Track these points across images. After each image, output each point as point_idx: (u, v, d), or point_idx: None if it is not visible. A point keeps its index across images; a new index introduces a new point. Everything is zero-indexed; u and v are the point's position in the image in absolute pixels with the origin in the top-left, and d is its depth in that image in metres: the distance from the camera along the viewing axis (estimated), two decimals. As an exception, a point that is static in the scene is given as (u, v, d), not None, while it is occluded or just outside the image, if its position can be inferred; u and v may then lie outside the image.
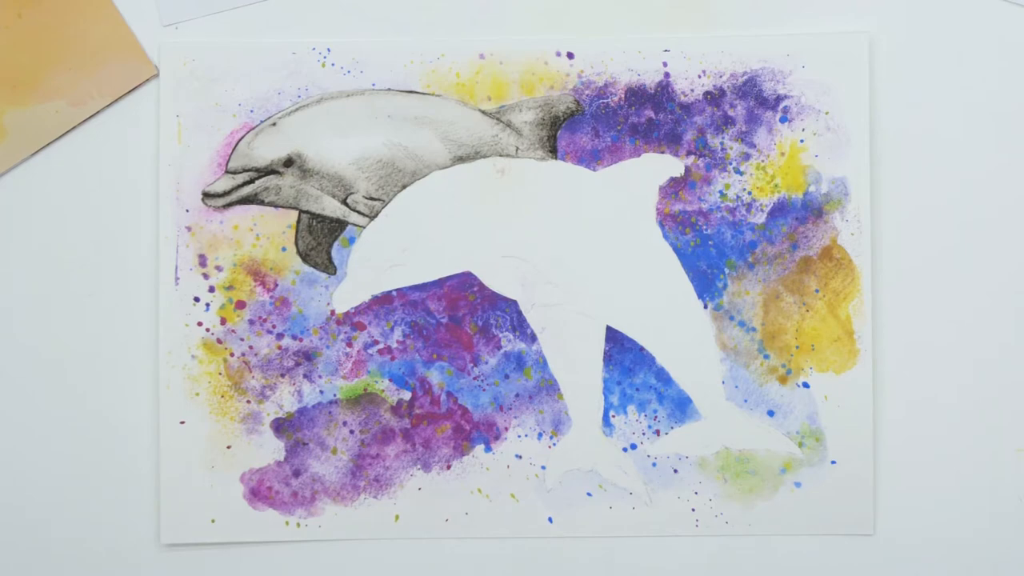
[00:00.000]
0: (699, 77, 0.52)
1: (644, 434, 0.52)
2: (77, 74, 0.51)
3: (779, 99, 0.52)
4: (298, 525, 0.53)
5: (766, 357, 0.52)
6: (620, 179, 0.52)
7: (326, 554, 0.53)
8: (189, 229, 0.52)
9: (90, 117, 0.52)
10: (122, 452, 0.53)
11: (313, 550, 0.53)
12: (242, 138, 0.52)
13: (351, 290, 0.52)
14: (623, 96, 0.52)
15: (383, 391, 0.52)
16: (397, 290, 0.52)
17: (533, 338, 0.52)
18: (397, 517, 0.52)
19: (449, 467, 0.53)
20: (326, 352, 0.52)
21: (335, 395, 0.52)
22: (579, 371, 0.52)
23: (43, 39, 0.51)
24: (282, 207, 0.52)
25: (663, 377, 0.52)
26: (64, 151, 0.52)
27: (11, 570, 0.53)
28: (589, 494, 0.53)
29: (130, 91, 0.52)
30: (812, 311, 0.52)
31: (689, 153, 0.52)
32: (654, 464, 0.52)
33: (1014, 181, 0.52)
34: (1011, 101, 0.52)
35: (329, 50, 0.52)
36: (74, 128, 0.52)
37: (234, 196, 0.52)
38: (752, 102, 0.52)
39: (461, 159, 0.52)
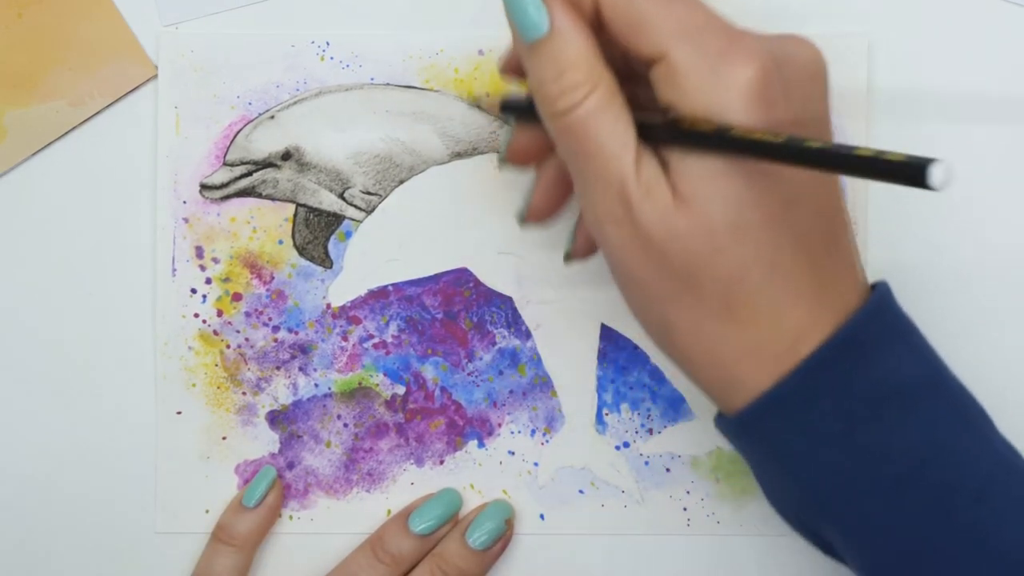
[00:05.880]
0: (698, 76, 0.51)
1: (637, 432, 0.52)
2: (77, 74, 0.51)
3: (777, 99, 0.51)
4: (291, 518, 0.53)
5: (760, 358, 0.52)
6: (617, 177, 0.52)
7: (318, 547, 0.53)
8: (186, 220, 0.52)
9: (90, 117, 0.52)
10: (119, 440, 0.53)
11: (305, 543, 0.53)
12: (240, 130, 0.52)
13: (347, 283, 0.52)
14: (621, 94, 0.51)
15: (377, 385, 0.52)
16: (393, 285, 0.52)
17: (528, 335, 0.52)
18: (389, 511, 0.53)
19: (442, 462, 0.53)
20: (321, 345, 0.52)
21: (330, 388, 0.53)
22: (573, 368, 0.52)
23: (43, 39, 0.51)
24: (279, 200, 0.52)
25: (657, 376, 0.52)
26: (64, 151, 0.52)
27: (4, 557, 0.53)
28: (581, 492, 0.52)
29: (130, 91, 0.52)
30: (807, 312, 0.51)
31: (686, 152, 0.51)
32: (647, 463, 0.52)
33: (1014, 185, 0.52)
34: (1011, 105, 0.51)
35: (328, 43, 0.52)
36: (74, 128, 0.52)
37: (232, 188, 0.52)
38: (750, 102, 0.51)
39: (459, 155, 0.52)
